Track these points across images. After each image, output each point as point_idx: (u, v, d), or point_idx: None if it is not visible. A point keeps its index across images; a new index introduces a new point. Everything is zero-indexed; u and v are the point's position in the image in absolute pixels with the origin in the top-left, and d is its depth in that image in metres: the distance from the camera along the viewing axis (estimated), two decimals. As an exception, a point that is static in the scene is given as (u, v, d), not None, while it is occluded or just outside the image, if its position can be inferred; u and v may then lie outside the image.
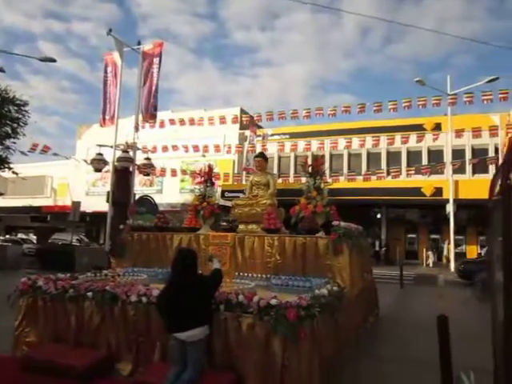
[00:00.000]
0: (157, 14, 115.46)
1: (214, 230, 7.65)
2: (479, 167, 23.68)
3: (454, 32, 75.77)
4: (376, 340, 7.05)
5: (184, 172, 16.22)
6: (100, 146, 15.18)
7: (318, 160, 7.48)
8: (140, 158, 14.95)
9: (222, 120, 13.38)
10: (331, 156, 26.86)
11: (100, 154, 14.91)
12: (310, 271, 6.18)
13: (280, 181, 8.30)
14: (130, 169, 14.00)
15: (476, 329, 7.63)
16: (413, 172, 15.96)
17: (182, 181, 28.79)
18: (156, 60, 14.59)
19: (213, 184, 8.33)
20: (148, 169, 14.65)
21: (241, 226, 7.58)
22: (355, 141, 15.21)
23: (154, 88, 14.56)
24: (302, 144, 17.15)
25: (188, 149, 14.60)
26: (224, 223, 7.43)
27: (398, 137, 13.88)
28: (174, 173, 15.79)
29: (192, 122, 13.28)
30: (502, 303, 1.97)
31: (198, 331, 3.92)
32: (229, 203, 19.68)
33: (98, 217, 28.71)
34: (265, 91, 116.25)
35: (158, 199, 17.30)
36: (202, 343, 4.00)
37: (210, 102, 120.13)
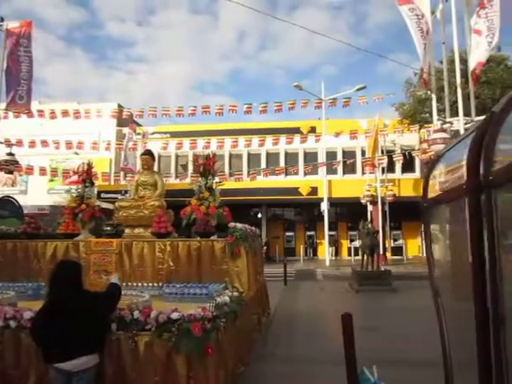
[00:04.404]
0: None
1: (95, 236, 6.85)
2: (348, 168, 25.85)
3: (320, 44, 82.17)
4: (272, 341, 6.98)
5: (54, 171, 14.45)
6: None
7: (209, 159, 7.19)
8: (1, 154, 12.93)
9: (99, 115, 12.22)
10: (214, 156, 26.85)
11: None
12: (205, 277, 5.84)
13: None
14: (-12, 166, 12.04)
15: (362, 321, 8.10)
16: (298, 170, 16.66)
17: (51, 180, 25.97)
18: (23, 41, 12.73)
19: (92, 184, 7.54)
20: (11, 166, 12.72)
21: (127, 231, 6.86)
22: (241, 141, 15.24)
23: (22, 73, 12.67)
24: (186, 143, 16.66)
25: (59, 145, 13.03)
26: (108, 228, 6.66)
27: (282, 138, 14.27)
28: (43, 171, 13.98)
29: (65, 114, 11.86)
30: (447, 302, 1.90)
31: (85, 359, 3.31)
32: (106, 205, 18.37)
33: None
34: (140, 89, 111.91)
35: (23, 201, 15.28)
36: (90, 372, 3.40)
37: (80, 97, 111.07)
